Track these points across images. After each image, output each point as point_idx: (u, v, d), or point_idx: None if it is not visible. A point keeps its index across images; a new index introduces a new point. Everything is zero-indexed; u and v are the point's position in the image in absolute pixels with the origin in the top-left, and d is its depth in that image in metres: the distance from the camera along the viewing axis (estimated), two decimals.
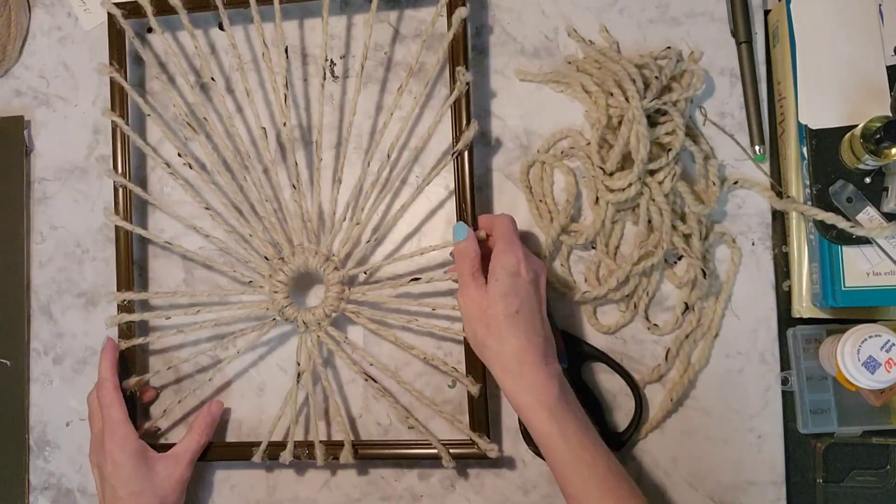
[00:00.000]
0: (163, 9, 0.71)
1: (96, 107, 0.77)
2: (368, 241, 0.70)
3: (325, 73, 0.73)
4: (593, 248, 0.68)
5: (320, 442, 0.68)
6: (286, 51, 0.70)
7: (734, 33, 0.69)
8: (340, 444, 0.68)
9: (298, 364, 0.69)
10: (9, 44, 0.77)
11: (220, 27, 0.75)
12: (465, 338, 0.66)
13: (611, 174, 0.66)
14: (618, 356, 0.68)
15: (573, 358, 0.67)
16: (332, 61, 0.74)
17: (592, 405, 0.67)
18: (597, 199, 0.67)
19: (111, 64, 0.72)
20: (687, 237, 0.66)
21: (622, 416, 0.68)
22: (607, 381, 0.68)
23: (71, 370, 0.75)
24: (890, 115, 0.61)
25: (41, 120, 0.78)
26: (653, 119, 0.66)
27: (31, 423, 0.76)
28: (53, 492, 0.75)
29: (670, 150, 0.65)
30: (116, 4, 0.71)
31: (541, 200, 0.70)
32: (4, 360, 0.75)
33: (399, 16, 0.73)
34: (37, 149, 0.78)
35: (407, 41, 0.73)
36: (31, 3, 0.80)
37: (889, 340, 0.58)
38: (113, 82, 0.72)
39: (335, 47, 0.74)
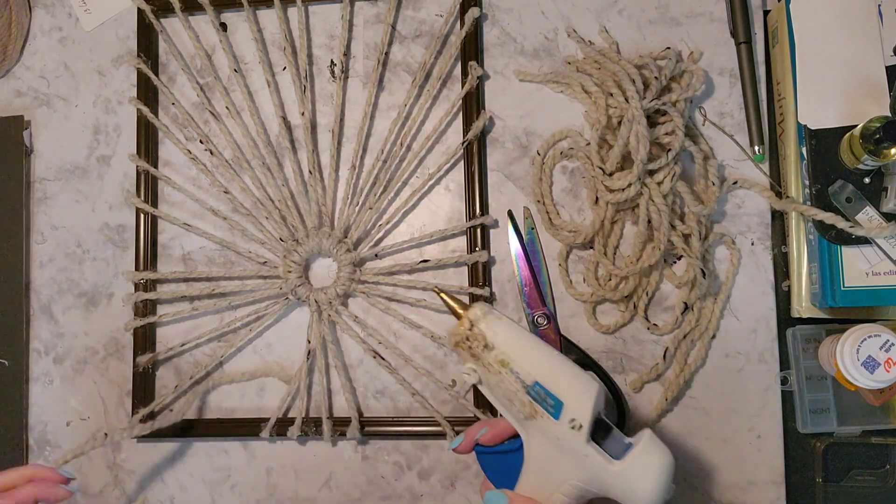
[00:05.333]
0: (189, 6, 0.75)
1: (97, 107, 0.77)
2: (381, 225, 0.72)
3: (342, 67, 0.74)
4: (591, 247, 0.68)
5: (327, 418, 0.70)
6: (308, 45, 0.75)
7: (734, 34, 0.69)
8: (347, 421, 0.70)
9: (309, 342, 0.71)
10: (9, 44, 0.78)
11: (223, 27, 0.75)
12: None
13: (610, 174, 0.66)
14: (617, 356, 0.68)
15: None
16: (342, 58, 0.74)
17: None
18: (596, 199, 0.67)
19: (139, 55, 0.75)
20: (686, 237, 0.66)
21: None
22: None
23: (71, 370, 0.76)
24: (889, 115, 0.61)
25: (42, 120, 0.78)
26: (652, 119, 0.66)
27: (32, 423, 0.76)
28: None
29: (670, 150, 0.65)
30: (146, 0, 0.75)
31: (539, 201, 0.70)
32: (3, 360, 0.76)
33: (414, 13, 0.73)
34: (37, 149, 0.78)
35: (417, 40, 0.73)
36: (31, 3, 0.80)
37: (888, 340, 0.58)
38: (140, 73, 0.75)
39: (335, 47, 0.74)
